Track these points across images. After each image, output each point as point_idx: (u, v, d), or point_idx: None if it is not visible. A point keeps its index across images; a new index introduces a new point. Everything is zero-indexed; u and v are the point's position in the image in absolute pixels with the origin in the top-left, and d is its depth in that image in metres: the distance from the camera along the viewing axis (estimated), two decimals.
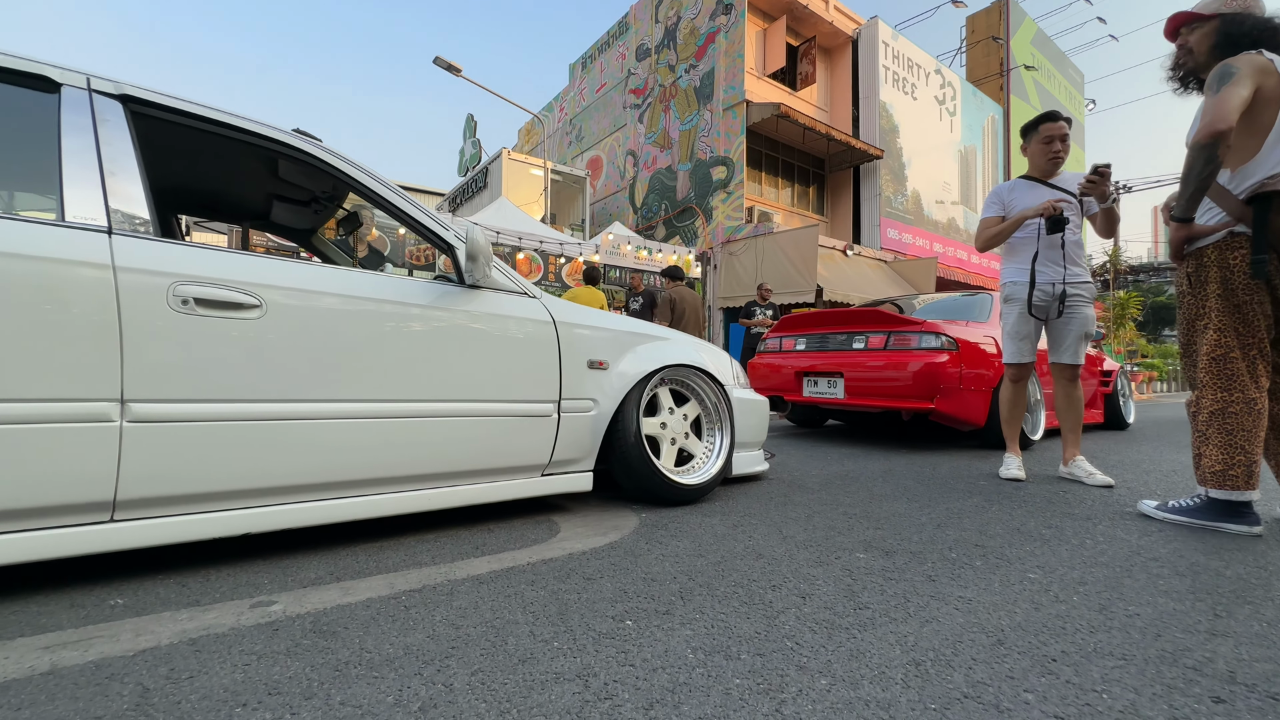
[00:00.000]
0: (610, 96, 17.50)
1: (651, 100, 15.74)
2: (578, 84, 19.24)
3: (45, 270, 1.23)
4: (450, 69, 11.71)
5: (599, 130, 18.05)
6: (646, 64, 15.96)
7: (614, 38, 17.47)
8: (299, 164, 1.80)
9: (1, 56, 1.36)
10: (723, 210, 13.15)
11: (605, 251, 9.53)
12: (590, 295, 5.82)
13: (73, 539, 1.27)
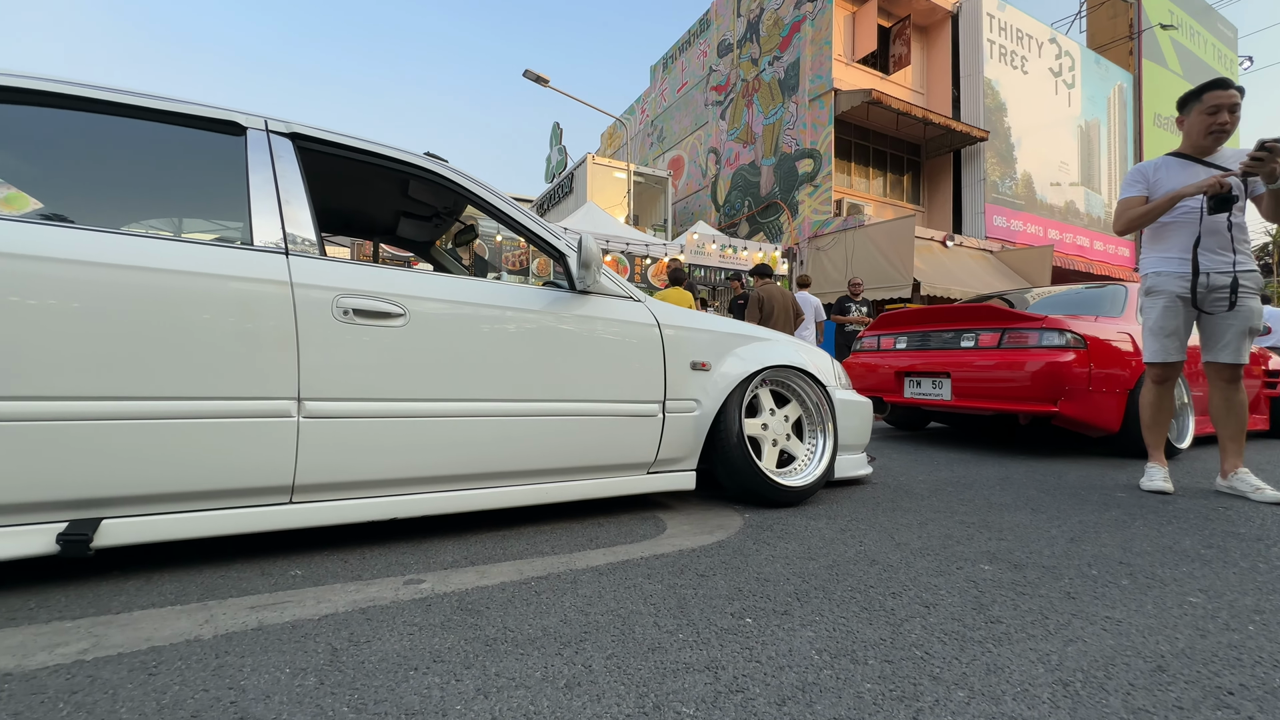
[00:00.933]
0: (691, 95, 17.47)
1: (734, 96, 15.54)
2: (659, 85, 19.38)
3: (242, 288, 1.45)
4: (538, 80, 12.21)
5: (680, 130, 18.08)
6: (728, 59, 15.79)
7: (695, 36, 17.43)
8: (428, 183, 1.98)
9: (202, 107, 1.61)
10: (809, 204, 12.74)
11: (690, 251, 9.54)
12: (678, 296, 5.86)
13: (262, 517, 1.48)
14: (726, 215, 15.65)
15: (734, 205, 15.42)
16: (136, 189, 1.88)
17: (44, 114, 1.49)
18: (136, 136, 1.64)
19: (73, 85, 1.46)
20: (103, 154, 1.70)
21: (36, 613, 1.20)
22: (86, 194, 1.85)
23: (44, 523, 1.28)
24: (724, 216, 15.74)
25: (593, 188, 13.97)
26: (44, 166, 1.78)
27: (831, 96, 12.26)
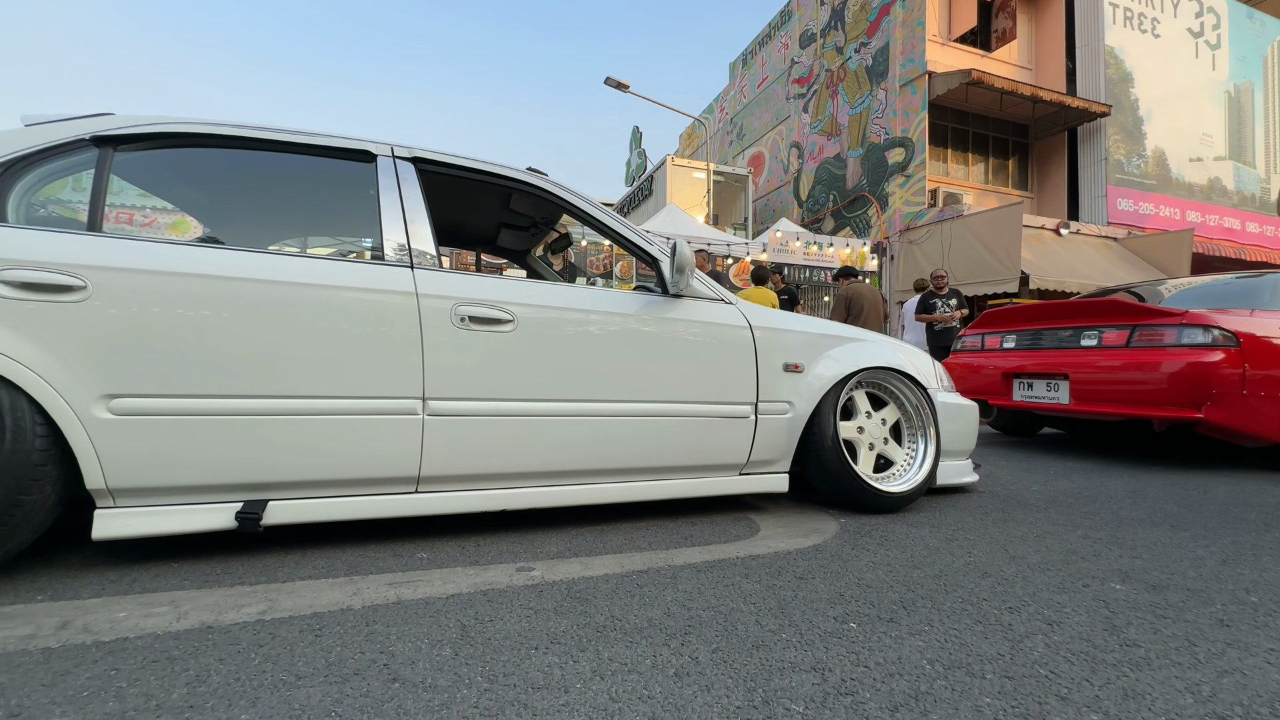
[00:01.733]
0: (772, 90, 17.10)
1: (817, 87, 15.04)
2: (738, 82, 19.13)
3: (376, 299, 1.62)
4: (619, 86, 12.45)
5: (760, 126, 17.75)
6: (811, 50, 15.30)
7: (775, 29, 17.04)
8: (529, 196, 2.11)
9: (339, 139, 1.82)
10: (900, 196, 12.07)
11: (773, 249, 9.36)
12: (761, 296, 5.78)
13: (393, 503, 1.65)
14: (810, 211, 15.17)
15: (818, 200, 14.92)
16: (287, 212, 2.15)
17: (212, 154, 1.75)
18: (286, 167, 1.88)
19: (234, 127, 1.70)
20: (260, 183, 1.96)
21: (222, 578, 1.41)
22: (246, 218, 2.14)
23: (225, 502, 1.51)
24: (807, 212, 15.27)
25: (672, 189, 14.05)
26: (213, 196, 2.08)
27: (925, 80, 11.55)
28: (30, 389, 1.32)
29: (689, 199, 14.19)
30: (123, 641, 1.09)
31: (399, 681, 0.98)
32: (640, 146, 18.24)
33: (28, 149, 1.50)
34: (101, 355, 1.39)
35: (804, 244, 9.75)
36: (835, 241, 10.36)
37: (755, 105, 18.00)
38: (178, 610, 1.23)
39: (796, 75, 15.92)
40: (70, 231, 1.45)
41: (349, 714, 0.88)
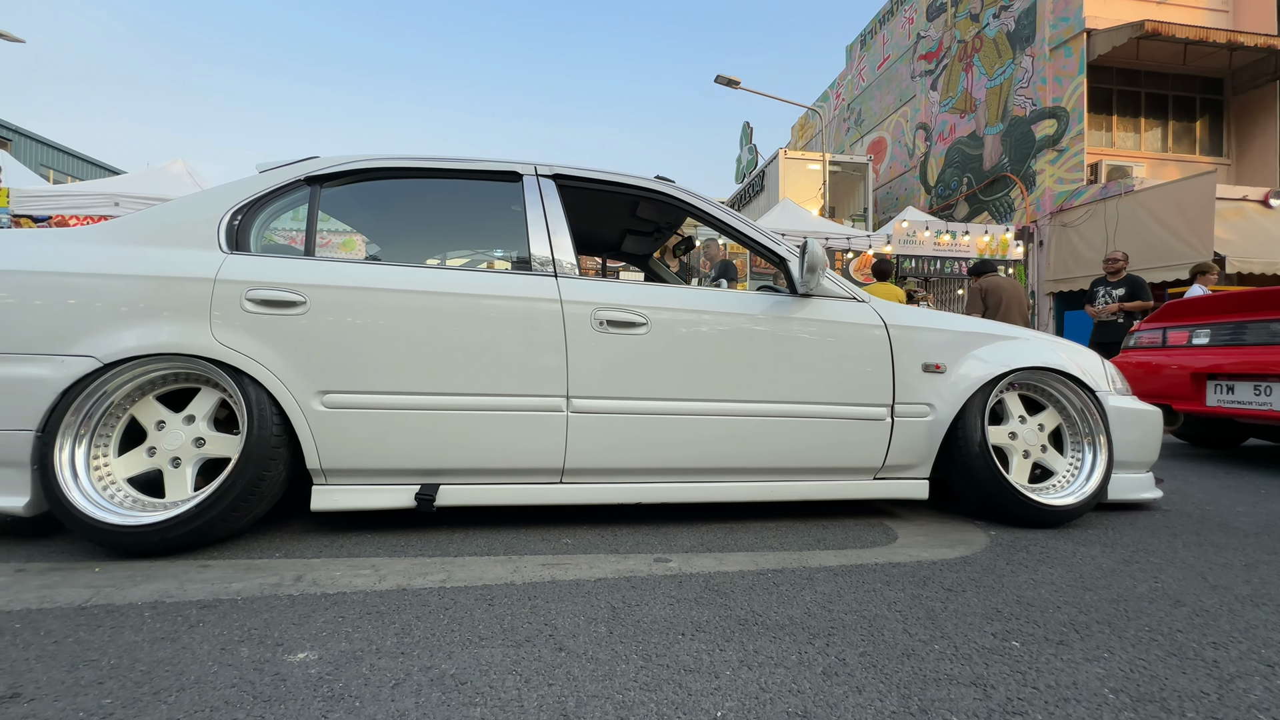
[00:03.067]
0: (895, 69, 15.96)
1: (948, 61, 13.79)
2: (856, 65, 18.09)
3: (527, 306, 1.79)
4: (729, 83, 12.34)
5: (881, 109, 16.64)
6: (940, 21, 14.06)
7: (898, 4, 15.87)
8: (656, 203, 2.20)
9: (491, 162, 2.02)
10: (1051, 173, 10.71)
11: (898, 241, 8.74)
12: (886, 292, 5.44)
13: (542, 492, 1.81)
14: (939, 197, 13.96)
15: (948, 185, 13.68)
16: (449, 228, 2.43)
17: (391, 182, 2.03)
18: (448, 190, 2.13)
19: (407, 159, 1.95)
20: (427, 204, 2.24)
21: (406, 549, 1.64)
22: (416, 236, 2.45)
23: (406, 485, 1.75)
24: (936, 199, 14.06)
25: (785, 183, 13.64)
26: (390, 217, 2.41)
27: (1082, 40, 10.13)
28: (269, 386, 1.64)
29: (803, 192, 13.69)
30: (342, 595, 1.32)
31: (564, 651, 1.08)
32: (751, 142, 17.89)
33: (262, 191, 1.85)
34: (317, 358, 1.68)
35: (934, 233, 8.98)
36: (971, 229, 9.43)
37: (875, 88, 16.91)
38: (378, 574, 1.46)
39: (923, 51, 14.71)
40: (293, 257, 1.77)
41: (527, 674, 1.00)
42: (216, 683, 0.96)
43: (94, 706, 0.89)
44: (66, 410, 1.55)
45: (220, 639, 1.11)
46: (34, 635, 1.11)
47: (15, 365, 1.56)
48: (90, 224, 5.78)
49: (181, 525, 1.53)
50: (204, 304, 1.65)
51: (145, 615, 1.20)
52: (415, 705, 0.91)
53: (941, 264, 9.15)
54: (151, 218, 1.76)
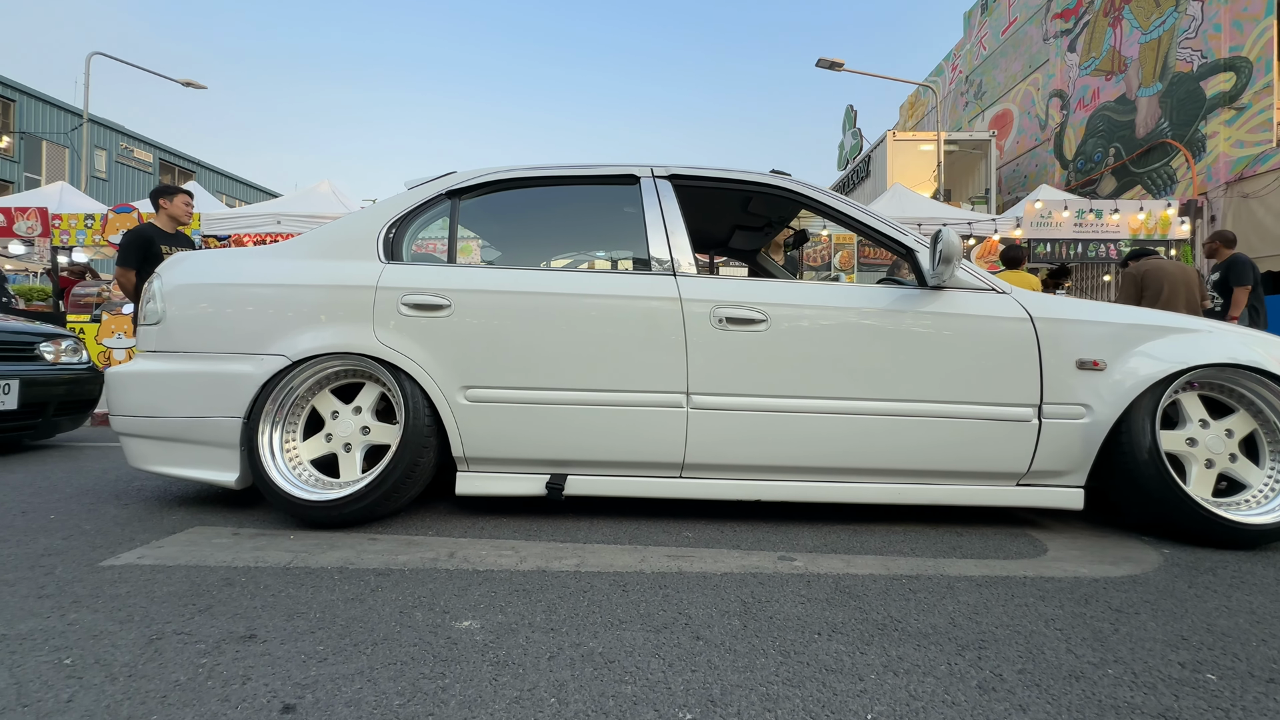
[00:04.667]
0: (1023, 33, 14.39)
1: (1090, 18, 12.21)
2: (975, 33, 16.53)
3: (648, 305, 1.85)
4: (831, 66, 11.79)
5: (1006, 79, 15.08)
6: None
7: None
8: (771, 197, 2.17)
9: (610, 167, 2.09)
10: (1227, 136, 9.14)
11: (1031, 223, 7.87)
12: (1018, 280, 4.94)
13: (662, 486, 1.86)
14: (1079, 171, 12.41)
15: (1090, 157, 12.13)
16: (571, 231, 2.56)
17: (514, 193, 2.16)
18: (569, 195, 2.23)
19: (532, 169, 2.08)
20: (550, 209, 2.37)
21: (539, 534, 1.76)
22: (540, 240, 2.60)
23: (538, 474, 1.88)
24: (1075, 174, 12.52)
25: (894, 166, 12.81)
26: (517, 223, 2.57)
27: None
28: (422, 381, 1.82)
29: (915, 175, 12.78)
30: (490, 572, 1.45)
31: (701, 640, 1.12)
32: (854, 126, 16.96)
33: (411, 206, 2.06)
34: (460, 356, 1.84)
35: (1075, 213, 7.98)
36: (1122, 206, 8.27)
37: (1000, 56, 15.35)
38: (518, 555, 1.58)
39: (1059, 8, 13.13)
40: (438, 265, 1.95)
41: (670, 658, 1.04)
42: (401, 640, 1.10)
43: (311, 651, 1.05)
44: (265, 400, 1.83)
45: (397, 603, 1.26)
46: (256, 589, 1.33)
47: (228, 363, 1.86)
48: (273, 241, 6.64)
49: (355, 503, 1.75)
50: (368, 309, 1.87)
51: (335, 578, 1.40)
52: (571, 677, 0.98)
53: (1083, 247, 8.13)
54: (326, 234, 2.02)
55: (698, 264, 2.00)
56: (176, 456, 1.90)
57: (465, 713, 0.88)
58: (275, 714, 0.87)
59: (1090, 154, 12.22)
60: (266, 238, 7.47)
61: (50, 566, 1.44)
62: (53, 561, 1.47)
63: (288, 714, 0.87)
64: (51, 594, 1.27)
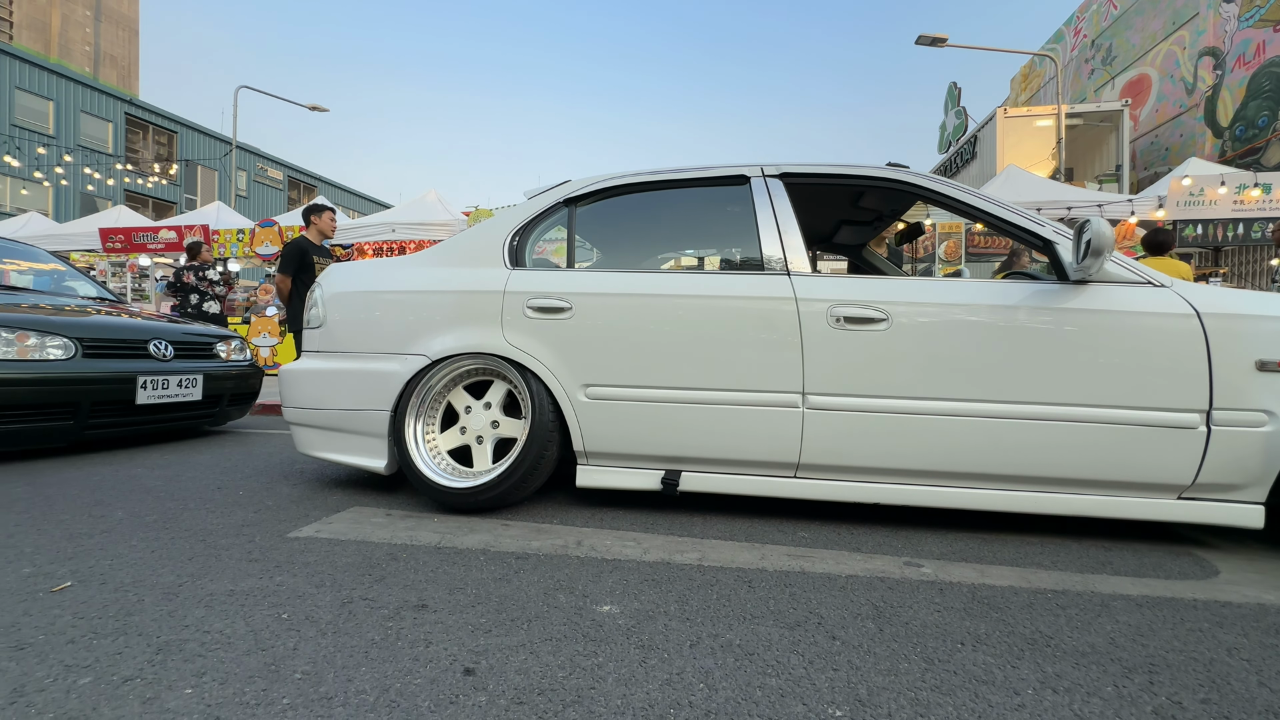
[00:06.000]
0: None
1: None
2: None
3: (762, 305, 1.86)
4: (934, 42, 11.03)
5: (1143, 39, 13.39)
6: None
7: None
8: (886, 191, 2.10)
9: (720, 169, 2.12)
10: None
11: (1176, 203, 6.96)
12: (1167, 268, 4.41)
13: (775, 485, 1.87)
14: (1238, 140, 10.80)
15: (1253, 123, 10.51)
16: (682, 234, 2.61)
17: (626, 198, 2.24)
18: (679, 198, 2.28)
19: (643, 175, 2.14)
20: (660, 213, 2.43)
21: (657, 527, 1.83)
22: (652, 243, 2.68)
23: (653, 469, 1.95)
24: (1232, 142, 10.91)
25: (1005, 146, 11.81)
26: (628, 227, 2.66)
27: None
28: (545, 380, 1.95)
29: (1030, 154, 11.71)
30: (617, 561, 1.53)
31: (838, 640, 1.13)
32: (958, 105, 15.74)
33: (532, 215, 2.20)
34: (580, 355, 1.94)
35: (1234, 189, 6.96)
36: None
37: (1135, 14, 13.65)
38: (640, 546, 1.65)
39: None
40: (559, 270, 2.07)
41: (809, 656, 1.06)
42: (551, 619, 1.19)
43: (476, 623, 1.17)
44: (410, 395, 2.03)
45: (540, 585, 1.37)
46: (416, 564, 1.49)
47: (378, 362, 2.08)
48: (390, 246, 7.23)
49: (489, 490, 1.90)
50: (496, 312, 2.02)
51: (480, 559, 1.54)
52: (716, 666, 1.03)
53: (1244, 228, 7.07)
54: (458, 244, 2.20)
55: (812, 263, 1.98)
56: (336, 444, 2.15)
57: (623, 689, 0.95)
58: (458, 675, 0.98)
59: (1253, 119, 10.63)
60: (383, 244, 8.17)
61: (250, 535, 1.69)
62: (251, 531, 1.73)
63: (469, 676, 0.98)
64: (258, 559, 1.50)
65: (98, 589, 1.30)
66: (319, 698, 0.91)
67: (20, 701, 0.89)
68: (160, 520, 1.82)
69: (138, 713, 0.87)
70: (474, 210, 8.19)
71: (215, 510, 1.94)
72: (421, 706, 0.90)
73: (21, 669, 0.98)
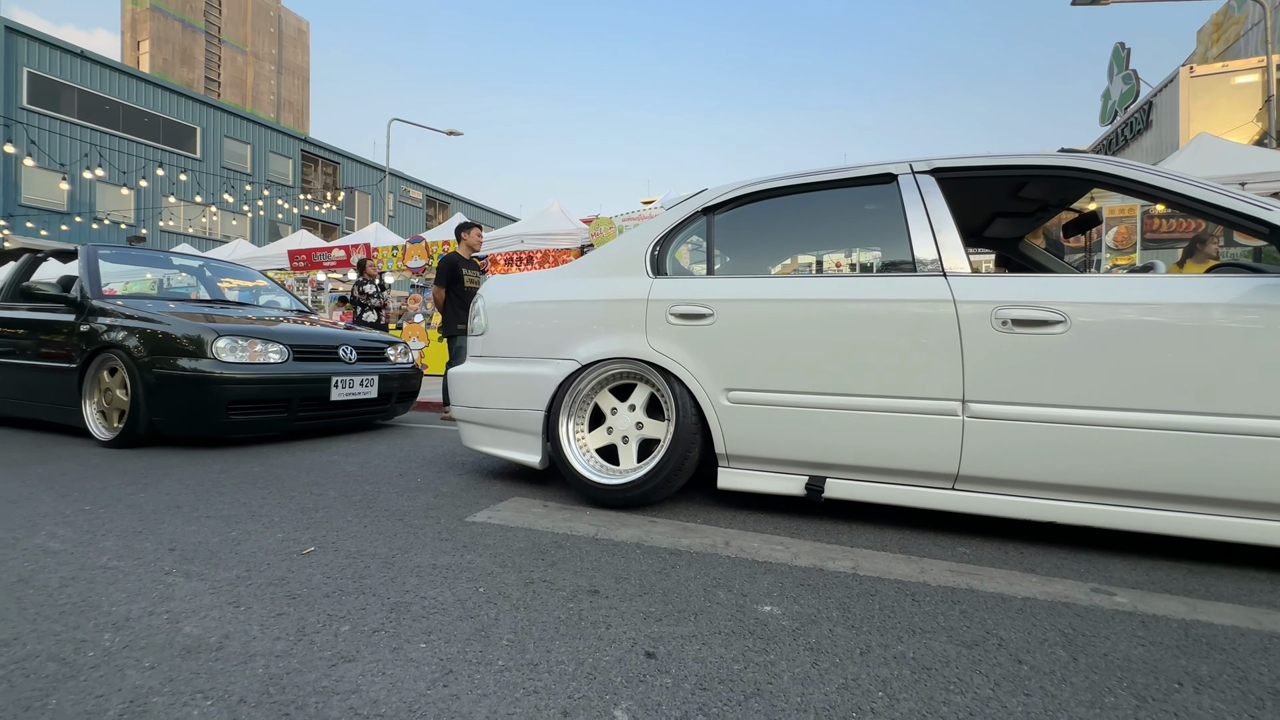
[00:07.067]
0: None
1: None
2: None
3: (914, 308, 1.78)
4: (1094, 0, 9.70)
5: None
6: None
7: None
8: (1055, 180, 1.91)
9: (862, 168, 2.06)
10: None
11: None
12: None
13: (928, 496, 1.78)
14: None
15: None
16: (824, 237, 2.58)
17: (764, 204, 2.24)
18: (819, 201, 2.25)
19: (779, 179, 2.14)
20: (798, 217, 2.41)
21: (802, 533, 1.82)
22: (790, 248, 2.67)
23: (796, 474, 1.94)
24: None
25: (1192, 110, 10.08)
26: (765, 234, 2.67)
27: None
28: (688, 383, 2.02)
29: (1225, 118, 9.89)
30: (768, 564, 1.56)
31: (1025, 665, 1.06)
32: (1126, 69, 13.63)
33: (671, 225, 2.28)
34: (722, 361, 1.99)
35: None
36: None
37: None
38: (789, 551, 1.66)
39: None
40: (700, 277, 2.14)
41: (995, 678, 1.02)
42: (715, 614, 1.25)
43: (647, 611, 1.26)
44: (562, 396, 2.21)
45: (699, 581, 1.43)
46: (579, 552, 1.63)
47: (534, 365, 2.28)
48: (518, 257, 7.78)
49: (636, 488, 2.02)
50: (640, 319, 2.13)
51: (635, 552, 1.64)
52: (893, 676, 1.02)
53: None
54: (603, 255, 2.35)
55: (970, 262, 1.86)
56: (497, 440, 2.39)
57: (800, 688, 0.98)
58: (641, 657, 1.07)
59: None
60: (513, 254, 8.82)
61: (436, 518, 1.94)
62: (436, 514, 1.98)
63: (651, 659, 1.06)
64: (447, 539, 1.73)
65: (333, 554, 1.57)
66: (526, 663, 1.04)
67: (304, 640, 1.11)
68: (364, 500, 2.14)
69: (389, 658, 1.05)
70: (594, 218, 8.57)
71: (403, 494, 2.24)
72: (615, 681, 0.99)
73: (299, 614, 1.22)
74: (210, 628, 1.16)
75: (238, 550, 1.59)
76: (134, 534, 1.72)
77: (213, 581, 1.38)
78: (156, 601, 1.27)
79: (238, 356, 3.23)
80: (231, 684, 0.97)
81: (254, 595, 1.31)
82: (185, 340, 3.15)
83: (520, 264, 8.92)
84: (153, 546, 1.62)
